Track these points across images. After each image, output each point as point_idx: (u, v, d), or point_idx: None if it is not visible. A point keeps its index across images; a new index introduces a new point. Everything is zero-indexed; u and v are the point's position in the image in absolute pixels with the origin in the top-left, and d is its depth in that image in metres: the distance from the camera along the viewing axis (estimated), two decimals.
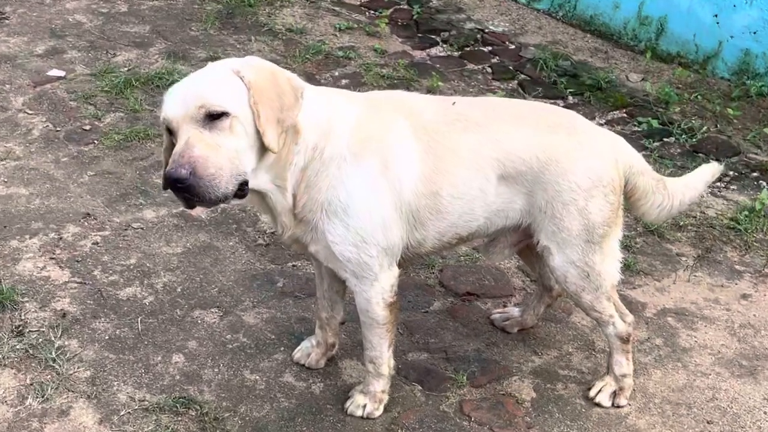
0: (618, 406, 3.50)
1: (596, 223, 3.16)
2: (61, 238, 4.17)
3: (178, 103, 2.68)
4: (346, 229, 2.94)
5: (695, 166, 5.00)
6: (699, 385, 3.65)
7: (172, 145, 2.76)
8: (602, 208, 3.16)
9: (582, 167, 3.12)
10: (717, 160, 5.16)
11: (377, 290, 3.08)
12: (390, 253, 3.05)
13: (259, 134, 2.72)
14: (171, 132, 2.74)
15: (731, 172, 5.25)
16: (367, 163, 2.93)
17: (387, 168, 2.95)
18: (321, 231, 2.98)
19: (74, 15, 6.60)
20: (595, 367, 3.71)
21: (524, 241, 3.39)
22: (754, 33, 6.07)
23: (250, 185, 2.81)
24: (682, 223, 4.72)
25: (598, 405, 3.50)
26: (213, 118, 2.65)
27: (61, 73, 5.69)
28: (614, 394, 3.50)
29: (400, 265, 3.20)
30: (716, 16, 6.25)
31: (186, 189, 2.60)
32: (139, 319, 3.73)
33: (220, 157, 2.64)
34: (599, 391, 3.52)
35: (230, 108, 2.66)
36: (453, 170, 3.04)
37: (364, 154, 2.92)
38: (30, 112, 5.23)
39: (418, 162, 3.00)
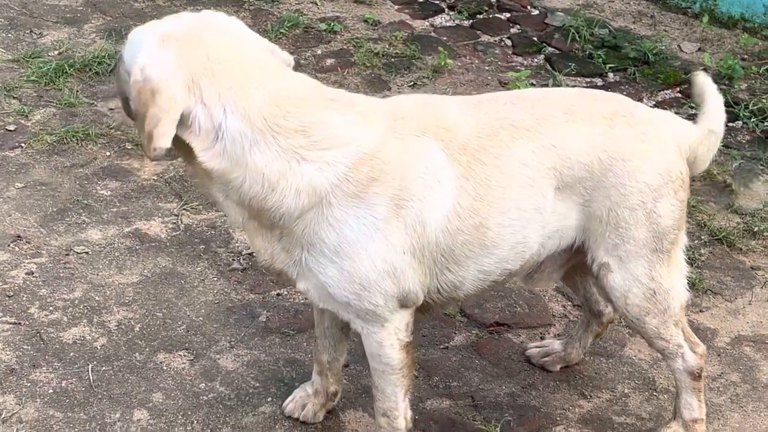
0: None
1: (666, 227, 3.25)
2: None
3: None
4: (340, 273, 2.99)
5: (764, 166, 5.16)
6: None
7: None
8: (673, 209, 3.26)
9: (651, 163, 3.21)
10: None
11: (390, 331, 3.13)
12: (404, 299, 3.10)
13: None
14: None
15: None
16: (370, 204, 2.93)
17: (401, 208, 2.97)
18: (306, 267, 3.03)
19: None
20: (657, 411, 3.77)
21: (573, 260, 3.45)
22: None
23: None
24: (756, 229, 4.80)
25: None
26: None
27: None
28: None
29: (428, 312, 3.29)
30: None
31: None
32: (89, 367, 3.77)
33: None
34: None
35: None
36: (502, 193, 3.09)
37: (367, 194, 2.93)
38: None
39: (452, 193, 3.04)
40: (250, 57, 2.89)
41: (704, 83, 3.56)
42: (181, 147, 2.85)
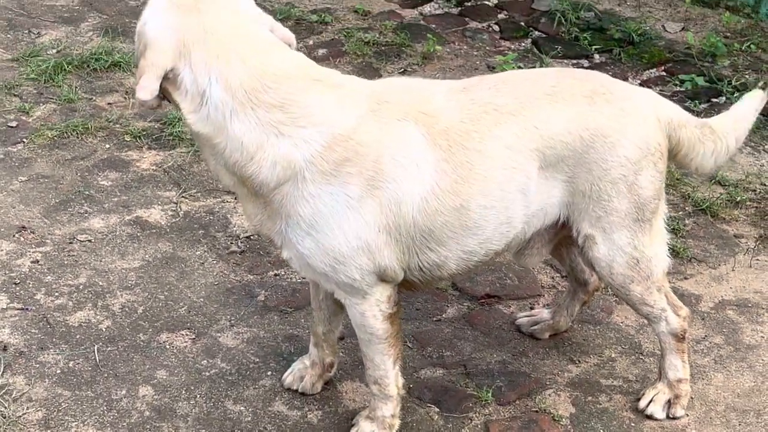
0: (674, 418, 3.68)
1: (647, 198, 3.37)
2: None
3: None
4: (317, 245, 3.11)
5: (754, 132, 5.27)
6: None
7: None
8: (653, 179, 3.38)
9: (630, 136, 3.32)
10: None
11: (371, 303, 3.25)
12: (381, 273, 3.22)
13: None
14: None
15: None
16: (343, 182, 3.05)
17: (375, 188, 3.08)
18: (288, 238, 3.15)
19: None
20: (643, 373, 3.89)
21: (560, 234, 3.56)
22: None
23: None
24: (739, 199, 4.92)
25: (651, 417, 3.68)
26: None
27: None
28: (669, 404, 3.68)
29: (416, 288, 3.42)
30: None
31: None
32: (95, 348, 3.89)
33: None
34: (651, 400, 3.69)
35: None
36: (484, 175, 3.20)
37: (340, 173, 3.05)
38: None
39: (431, 176, 3.15)
40: (243, 31, 3.03)
41: (757, 98, 3.70)
42: (177, 107, 3.04)
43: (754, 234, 4.71)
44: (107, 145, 5.16)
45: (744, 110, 3.67)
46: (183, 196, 4.79)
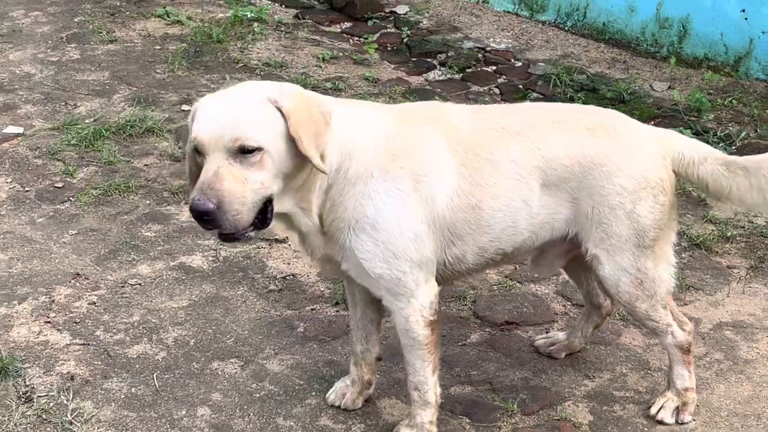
0: (682, 423, 4.02)
1: (646, 226, 3.73)
2: (53, 301, 4.69)
3: (213, 129, 3.25)
4: (375, 245, 3.51)
5: None
6: (767, 395, 4.19)
7: (197, 164, 3.36)
8: (652, 210, 3.73)
9: (626, 169, 3.69)
10: None
11: (415, 307, 3.62)
12: (424, 268, 3.61)
13: (285, 162, 3.31)
14: (198, 152, 3.32)
15: None
16: (395, 177, 3.51)
17: (418, 182, 3.53)
18: (349, 249, 3.54)
19: (21, 66, 7.21)
20: (652, 386, 4.25)
21: (573, 251, 3.94)
22: None
23: (276, 209, 3.38)
24: (729, 235, 5.32)
25: (661, 422, 4.02)
26: (246, 152, 3.24)
27: (19, 130, 6.26)
28: (677, 410, 4.03)
29: (439, 284, 3.76)
30: (744, 11, 6.96)
31: (210, 221, 3.20)
32: (154, 376, 4.24)
33: (246, 191, 3.24)
34: (661, 407, 4.04)
35: (264, 143, 3.25)
36: (493, 182, 3.62)
37: (393, 169, 3.50)
38: None
39: (454, 176, 3.59)
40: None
41: None
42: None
43: (745, 265, 5.11)
44: (148, 201, 5.55)
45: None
46: (221, 244, 5.17)
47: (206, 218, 3.22)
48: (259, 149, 3.24)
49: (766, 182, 3.73)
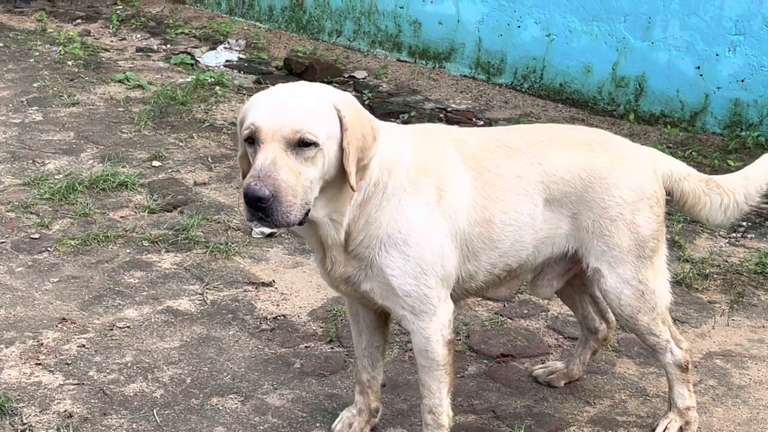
0: None
1: (646, 236, 3.84)
2: (41, 344, 4.60)
3: (275, 117, 3.26)
4: (406, 261, 3.53)
5: (703, 226, 5.85)
6: (764, 417, 4.27)
7: (247, 155, 3.38)
8: (650, 221, 3.85)
9: (625, 181, 3.82)
10: None
11: (436, 326, 3.64)
12: (446, 285, 3.65)
13: (331, 168, 3.34)
14: (252, 140, 3.32)
15: (745, 223, 6.06)
16: (424, 192, 3.57)
17: (442, 197, 3.60)
18: (377, 266, 3.55)
19: None
20: (653, 411, 4.30)
21: (571, 271, 4.02)
22: (742, 81, 7.05)
23: (310, 215, 3.40)
24: (707, 272, 5.46)
25: None
26: (303, 145, 3.26)
27: None
28: (681, 430, 4.08)
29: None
30: (699, 68, 7.22)
31: (264, 209, 3.18)
32: (154, 411, 4.16)
33: (299, 185, 3.24)
34: (665, 428, 4.08)
35: (322, 141, 3.28)
36: (503, 196, 3.71)
37: (422, 184, 3.56)
38: None
39: (470, 189, 3.66)
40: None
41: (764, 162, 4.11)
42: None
43: (726, 300, 5.23)
44: (128, 250, 5.51)
45: (758, 170, 4.09)
46: (207, 288, 5.14)
47: (260, 204, 3.19)
48: (316, 145, 3.25)
49: (734, 204, 4.02)
